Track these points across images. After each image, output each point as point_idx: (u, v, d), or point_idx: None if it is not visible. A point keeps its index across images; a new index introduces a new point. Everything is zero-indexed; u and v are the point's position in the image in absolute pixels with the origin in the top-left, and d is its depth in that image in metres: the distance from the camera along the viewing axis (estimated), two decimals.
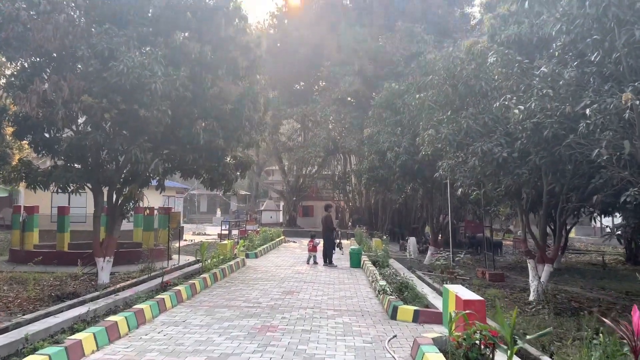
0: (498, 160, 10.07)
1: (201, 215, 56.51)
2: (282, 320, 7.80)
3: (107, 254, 11.67)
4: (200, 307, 8.78)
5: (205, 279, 11.07)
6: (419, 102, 11.15)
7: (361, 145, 25.58)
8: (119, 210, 12.11)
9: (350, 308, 9.07)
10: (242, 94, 11.97)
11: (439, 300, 8.73)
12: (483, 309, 6.19)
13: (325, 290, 11.02)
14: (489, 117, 10.48)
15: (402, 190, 21.06)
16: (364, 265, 14.87)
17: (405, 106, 18.31)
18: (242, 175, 14.43)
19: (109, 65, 9.52)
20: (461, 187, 11.20)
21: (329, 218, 17.49)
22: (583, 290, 13.97)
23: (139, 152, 10.43)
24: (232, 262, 14.14)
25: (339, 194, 40.74)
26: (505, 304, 11.17)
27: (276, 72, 33.32)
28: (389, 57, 28.61)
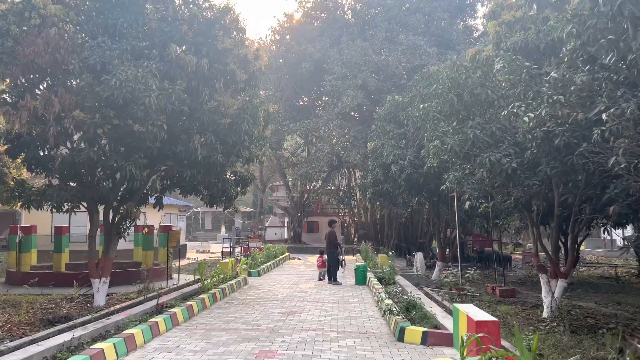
0: (507, 171, 9.65)
1: (206, 233, 56.06)
2: (281, 345, 7.32)
3: (103, 275, 11.28)
4: (197, 330, 8.32)
5: (204, 300, 10.62)
6: (423, 113, 10.76)
7: (365, 159, 25.18)
8: (116, 229, 11.75)
9: (354, 329, 8.58)
10: (241, 108, 11.63)
11: (449, 320, 8.24)
12: (497, 331, 5.73)
13: (328, 310, 10.54)
14: (497, 127, 10.09)
15: (408, 205, 20.61)
16: (370, 283, 14.38)
17: (409, 118, 17.97)
18: (243, 191, 14.04)
19: (101, 79, 9.23)
20: (469, 200, 10.75)
21: (332, 234, 17.05)
22: (598, 305, 13.43)
23: (134, 168, 10.09)
24: (233, 282, 13.68)
25: (344, 209, 40.27)
26: (518, 321, 10.68)
27: (279, 88, 33.20)
28: (391, 70, 28.35)
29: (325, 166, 30.49)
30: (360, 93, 27.39)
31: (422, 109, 10.78)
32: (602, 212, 10.35)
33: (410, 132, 18.25)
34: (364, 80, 27.65)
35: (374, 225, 35.52)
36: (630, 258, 32.68)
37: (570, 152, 8.72)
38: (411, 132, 18.23)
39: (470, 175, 10.96)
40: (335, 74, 28.71)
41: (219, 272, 13.10)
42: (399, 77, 27.69)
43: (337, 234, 17.79)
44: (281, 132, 31.57)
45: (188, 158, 11.19)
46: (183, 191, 13.50)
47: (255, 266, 18.46)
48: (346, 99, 27.15)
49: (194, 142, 10.85)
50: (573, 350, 7.88)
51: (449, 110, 10.55)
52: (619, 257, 24.10)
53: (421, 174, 17.48)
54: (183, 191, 13.50)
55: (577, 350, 7.93)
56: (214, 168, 11.71)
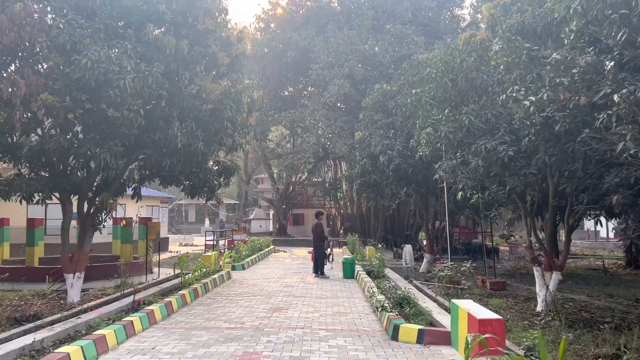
0: (503, 160, 9.21)
1: (189, 226, 55.27)
2: (267, 345, 6.76)
3: (78, 270, 10.65)
4: (176, 329, 7.73)
5: (184, 296, 10.02)
6: (415, 99, 10.25)
7: (352, 150, 24.68)
8: (91, 222, 11.09)
9: (345, 327, 8.06)
10: (224, 93, 11.01)
11: (445, 317, 7.77)
12: (502, 330, 5.27)
13: (316, 306, 10.01)
14: (492, 113, 9.64)
15: (396, 196, 20.16)
16: (358, 276, 13.90)
17: (397, 107, 17.50)
18: (226, 181, 13.44)
19: (71, 59, 8.56)
20: (462, 190, 10.30)
21: (319, 226, 16.48)
22: (590, 298, 13.16)
23: (109, 156, 9.45)
24: (215, 276, 13.08)
25: (330, 201, 39.80)
26: (512, 315, 10.31)
27: (264, 77, 32.47)
28: (378, 59, 27.83)
29: (311, 157, 29.93)
30: (347, 82, 26.81)
31: (414, 95, 10.26)
32: (599, 202, 9.99)
33: (399, 121, 17.80)
34: (351, 70, 27.07)
35: (361, 218, 35.14)
36: (615, 250, 32.83)
37: (571, 139, 8.30)
38: (400, 122, 17.78)
39: (464, 164, 10.51)
40: (321, 63, 28.09)
41: (200, 266, 12.49)
42: (386, 67, 27.18)
43: (323, 227, 17.18)
44: (266, 123, 30.89)
45: (167, 146, 10.56)
46: (163, 182, 12.87)
47: (240, 259, 17.88)
48: (332, 88, 26.55)
49: (173, 129, 10.24)
50: (573, 346, 7.50)
51: (442, 96, 10.07)
52: (619, 247, 24.01)
53: (410, 164, 17.05)
54: (163, 182, 12.87)
55: (577, 346, 7.55)
56: (195, 157, 11.10)
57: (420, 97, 10.13)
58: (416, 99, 10.25)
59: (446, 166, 10.04)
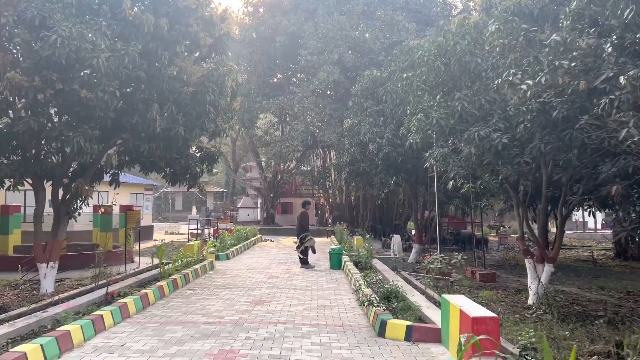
0: (497, 147, 8.83)
1: (176, 214, 54.63)
2: (245, 343, 6.32)
3: (51, 259, 10.15)
4: (150, 324, 7.26)
5: (162, 288, 9.54)
6: (406, 83, 9.81)
7: (341, 138, 24.25)
8: (65, 209, 10.57)
9: (329, 322, 7.64)
10: (206, 76, 10.49)
11: (435, 312, 7.38)
12: (497, 329, 4.90)
13: (301, 299, 9.59)
14: (486, 99, 9.23)
15: (385, 185, 19.78)
16: (345, 267, 13.52)
17: (387, 94, 17.09)
18: (209, 168, 12.94)
19: (40, 35, 8.00)
20: (453, 179, 9.91)
21: (304, 216, 15.83)
22: (581, 290, 12.93)
23: (83, 140, 8.92)
24: (197, 266, 12.62)
25: (319, 190, 39.39)
26: (502, 308, 10.01)
27: (251, 63, 31.80)
28: (369, 46, 27.30)
29: (299, 145, 29.45)
30: (337, 69, 26.28)
31: (405, 79, 9.81)
32: (594, 192, 9.65)
33: (389, 108, 17.37)
34: (341, 56, 26.53)
35: (349, 207, 34.80)
36: (603, 241, 32.83)
37: (569, 126, 7.92)
38: (390, 109, 17.35)
39: (455, 152, 10.12)
40: (311, 49, 27.49)
41: (181, 256, 12.00)
42: (376, 54, 26.65)
43: (309, 216, 16.45)
44: (254, 109, 30.29)
45: (146, 130, 10.04)
46: (143, 168, 12.34)
47: (224, 249, 17.42)
48: (322, 75, 26.01)
49: (152, 112, 9.74)
50: (567, 342, 7.18)
51: (434, 81, 9.63)
52: (607, 238, 23.91)
53: (400, 153, 16.66)
54: (143, 168, 12.34)
55: (571, 342, 7.23)
56: (175, 142, 10.58)
57: (411, 81, 9.68)
58: (407, 84, 9.81)
59: (437, 154, 9.63)
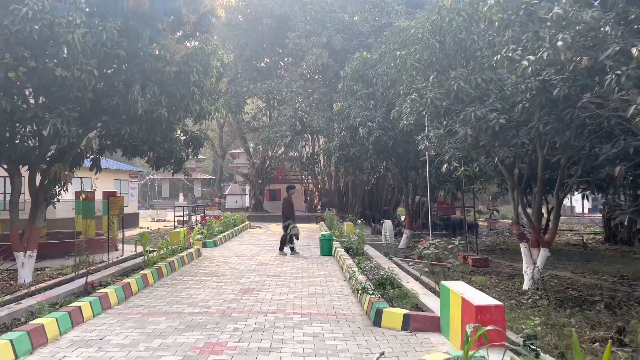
0: (494, 128, 8.49)
1: (163, 201, 53.92)
2: (233, 334, 5.94)
3: (29, 248, 9.70)
4: (132, 315, 6.86)
5: (146, 276, 9.12)
6: (399, 62, 9.40)
7: (330, 122, 23.82)
8: (43, 195, 10.09)
9: (322, 310, 7.29)
10: (189, 55, 10.00)
11: (432, 299, 7.06)
12: (502, 318, 4.58)
13: (291, 286, 9.23)
14: (482, 78, 8.86)
15: (376, 170, 19.44)
16: (336, 253, 13.20)
17: (378, 77, 16.68)
18: (194, 152, 12.49)
19: (9, 8, 7.46)
20: (448, 162, 9.57)
21: (286, 202, 14.99)
22: (575, 274, 12.76)
23: (60, 122, 8.43)
24: (184, 254, 12.21)
25: (308, 176, 38.99)
26: (497, 294, 9.76)
27: (238, 46, 31.11)
28: (357, 28, 26.81)
29: (288, 131, 28.97)
30: (325, 52, 25.76)
31: (399, 58, 9.41)
32: (592, 174, 9.38)
33: (380, 91, 16.97)
34: (329, 39, 26.00)
35: (338, 193, 34.50)
36: (591, 225, 32.90)
37: (570, 105, 7.60)
38: (380, 92, 16.95)
39: (450, 135, 9.77)
40: (299, 32, 26.92)
41: (167, 244, 11.58)
42: (365, 36, 26.18)
43: (292, 202, 15.22)
44: (241, 94, 29.69)
45: (127, 112, 9.56)
46: (125, 152, 11.85)
47: (212, 236, 17.00)
48: (310, 58, 25.48)
49: (133, 93, 9.25)
50: (567, 329, 6.92)
51: (428, 59, 9.24)
52: (603, 223, 23.89)
53: (391, 137, 16.30)
54: (125, 152, 11.85)
55: (570, 329, 6.98)
56: (158, 125, 10.11)
57: (405, 60, 9.28)
58: (401, 63, 9.40)
59: (432, 136, 9.26)
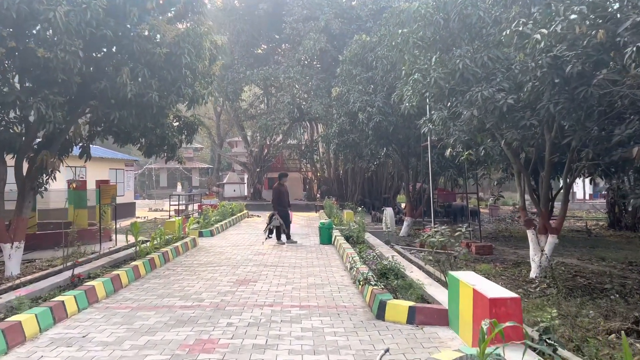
0: (502, 109, 8.05)
1: (161, 191, 53.46)
2: (226, 330, 5.53)
3: (16, 239, 9.30)
4: (119, 309, 6.44)
5: (137, 268, 8.70)
6: (402, 40, 8.93)
7: (329, 108, 23.34)
8: (30, 184, 9.66)
9: (321, 303, 6.88)
10: (181, 36, 9.52)
11: (439, 290, 6.65)
12: (519, 312, 4.18)
13: (289, 277, 8.83)
14: (489, 57, 8.41)
15: (376, 157, 19.00)
16: (336, 242, 12.81)
17: (378, 60, 16.19)
18: (188, 139, 12.04)
19: None
20: (452, 146, 9.14)
21: (276, 191, 14.21)
22: (581, 261, 12.40)
23: (44, 107, 7.99)
24: (178, 244, 11.80)
25: (306, 164, 38.52)
26: (503, 282, 9.39)
27: (234, 32, 30.50)
28: (356, 12, 26.26)
29: (285, 118, 28.47)
30: (323, 37, 25.19)
31: (401, 36, 8.94)
32: (604, 157, 8.95)
33: (380, 75, 16.50)
34: (327, 23, 25.41)
35: (338, 181, 34.09)
36: (592, 210, 32.55)
37: (584, 83, 7.16)
38: (380, 76, 16.49)
39: (455, 117, 9.32)
40: (296, 16, 26.32)
41: (160, 233, 11.17)
42: (364, 20, 25.63)
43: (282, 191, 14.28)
44: (238, 81, 29.14)
45: (115, 96, 9.10)
46: (116, 139, 11.41)
47: (208, 225, 16.60)
48: (308, 43, 24.92)
49: (122, 76, 8.78)
50: (580, 320, 6.55)
51: (432, 37, 8.77)
52: (606, 208, 23.55)
53: (391, 122, 15.87)
54: (116, 139, 11.41)
55: (583, 319, 6.60)
56: (149, 109, 9.66)
57: (407, 38, 8.81)
58: (403, 41, 8.93)
59: (436, 118, 8.82)
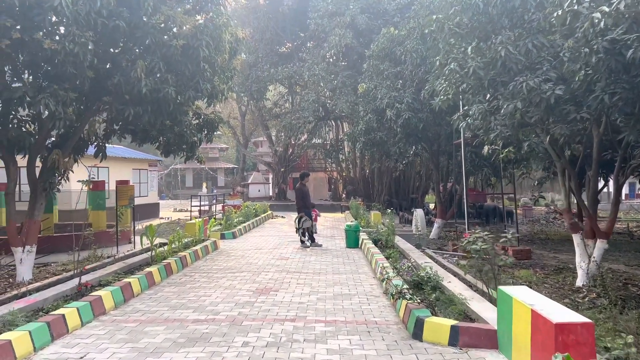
0: (549, 101, 7.22)
1: (187, 191, 53.48)
2: (241, 351, 4.85)
3: (28, 243, 8.85)
4: (127, 323, 5.85)
5: (151, 275, 8.14)
6: (436, 27, 8.16)
7: (355, 106, 22.58)
8: (42, 185, 9.20)
9: (349, 317, 6.17)
10: (198, 27, 8.95)
11: (484, 306, 5.84)
12: (591, 340, 3.42)
13: (314, 285, 8.14)
14: (533, 44, 7.59)
15: (404, 155, 18.18)
16: (364, 245, 12.09)
17: (407, 54, 15.41)
18: (208, 137, 11.48)
19: None
20: (492, 143, 8.32)
21: (299, 191, 13.66)
22: (629, 267, 11.41)
23: (53, 103, 7.49)
24: (198, 247, 11.25)
25: (331, 163, 37.85)
26: (547, 291, 8.55)
27: (258, 30, 30.09)
28: (383, 7, 25.44)
29: (310, 116, 27.85)
30: (349, 33, 24.47)
31: (435, 22, 8.17)
32: None
33: (409, 70, 15.70)
34: (353, 18, 24.68)
35: (364, 180, 33.33)
36: (630, 211, 31.06)
37: None
38: (409, 70, 15.69)
39: (493, 111, 8.51)
40: (321, 11, 25.65)
41: (179, 236, 10.62)
42: (391, 15, 24.80)
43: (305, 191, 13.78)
44: (262, 79, 28.65)
45: (130, 92, 8.57)
46: (134, 138, 10.92)
47: (231, 227, 16.06)
48: (333, 39, 24.23)
49: (136, 70, 8.25)
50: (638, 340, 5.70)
51: (469, 23, 7.99)
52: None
53: (421, 118, 15.05)
54: (134, 138, 10.92)
55: None
56: (166, 105, 9.10)
57: (442, 25, 8.04)
58: (437, 28, 8.15)
59: (475, 111, 8.02)
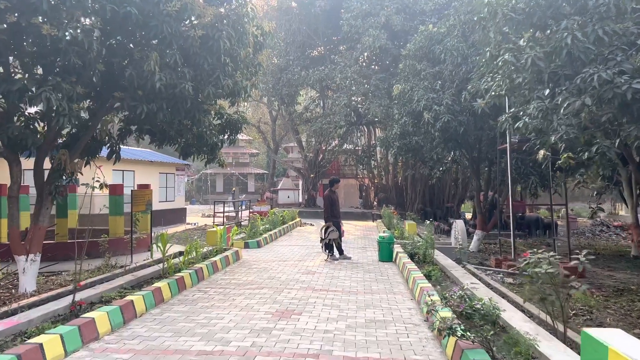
0: (624, 97, 6.07)
1: (217, 196, 53.21)
2: None
3: (32, 251, 8.12)
4: (118, 354, 4.89)
5: (160, 291, 7.23)
6: (488, 12, 7.09)
7: (388, 110, 21.52)
8: (48, 188, 8.47)
9: (385, 353, 5.03)
10: (218, 17, 8.11)
11: (557, 347, 4.62)
12: None
13: (342, 308, 7.08)
14: (604, 30, 6.44)
15: (442, 162, 17.00)
16: (398, 259, 11.00)
17: (447, 52, 14.33)
18: (231, 139, 10.62)
19: None
20: (555, 144, 7.15)
21: (328, 199, 12.49)
22: None
23: (55, 97, 6.72)
24: (217, 258, 10.34)
25: (363, 170, 36.75)
26: (612, 318, 7.34)
27: (289, 32, 29.37)
28: (420, 7, 24.35)
29: (341, 121, 26.87)
30: (383, 33, 23.45)
31: (487, 6, 7.08)
32: None
33: (448, 69, 14.59)
34: (388, 19, 23.66)
35: (396, 188, 32.13)
36: None
37: None
38: (449, 70, 14.57)
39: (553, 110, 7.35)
40: (355, 12, 24.71)
41: (196, 246, 9.72)
42: (428, 15, 23.71)
43: (334, 199, 12.62)
44: (293, 83, 27.86)
45: (143, 87, 7.76)
46: (152, 139, 10.14)
47: (255, 235, 15.14)
48: (367, 40, 23.25)
49: (149, 62, 7.44)
50: None
51: (526, 8, 6.88)
52: None
53: (461, 122, 13.89)
54: (152, 139, 10.14)
55: None
56: (182, 103, 8.28)
57: (495, 10, 6.96)
58: (490, 14, 7.08)
59: (534, 109, 6.88)
